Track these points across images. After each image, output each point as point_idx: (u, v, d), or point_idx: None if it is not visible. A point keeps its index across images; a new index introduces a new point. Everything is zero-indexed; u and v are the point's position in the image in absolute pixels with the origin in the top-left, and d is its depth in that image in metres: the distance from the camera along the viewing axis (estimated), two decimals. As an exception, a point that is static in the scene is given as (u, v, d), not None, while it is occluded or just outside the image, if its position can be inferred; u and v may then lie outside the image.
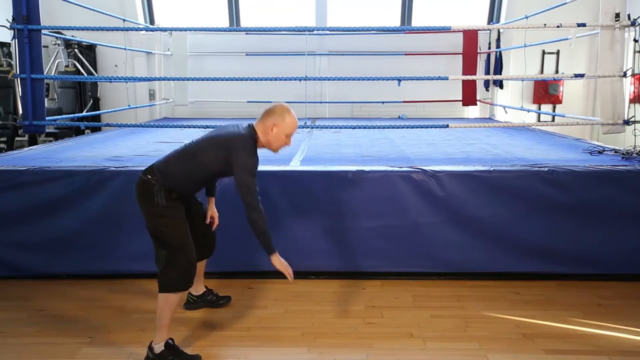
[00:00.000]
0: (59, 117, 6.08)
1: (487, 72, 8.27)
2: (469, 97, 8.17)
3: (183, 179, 2.83)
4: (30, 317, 3.28)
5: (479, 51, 8.16)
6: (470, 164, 4.04)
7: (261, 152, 2.73)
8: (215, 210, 3.25)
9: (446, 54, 8.23)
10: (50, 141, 6.69)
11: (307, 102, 6.91)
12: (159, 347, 2.71)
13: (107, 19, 6.27)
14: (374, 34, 8.12)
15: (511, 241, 3.77)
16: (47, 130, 5.57)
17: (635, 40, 4.29)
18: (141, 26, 8.12)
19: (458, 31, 7.57)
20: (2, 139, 7.05)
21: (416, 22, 8.72)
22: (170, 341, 2.74)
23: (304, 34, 7.04)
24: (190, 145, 2.88)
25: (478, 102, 8.30)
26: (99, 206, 3.77)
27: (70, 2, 5.50)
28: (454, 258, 3.78)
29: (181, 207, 2.84)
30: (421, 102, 8.27)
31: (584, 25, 4.60)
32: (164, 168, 2.83)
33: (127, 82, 6.08)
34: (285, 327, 3.15)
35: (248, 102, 8.34)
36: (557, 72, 8.37)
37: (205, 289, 3.40)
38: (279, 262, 2.82)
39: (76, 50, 7.89)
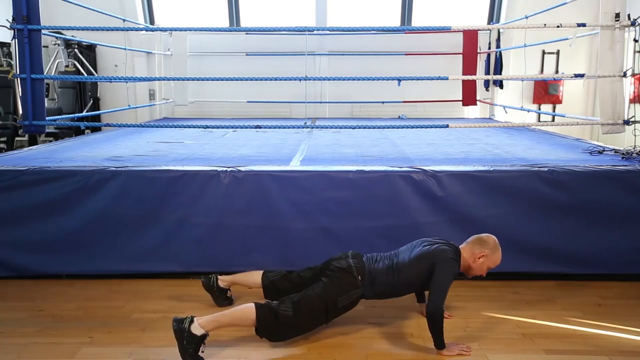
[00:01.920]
0: (59, 117, 6.07)
1: (487, 72, 8.27)
2: (469, 97, 8.17)
3: (386, 291, 2.95)
4: (30, 317, 3.28)
5: (479, 51, 8.15)
6: (470, 164, 4.04)
7: (260, 152, 2.74)
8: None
9: (446, 54, 8.23)
10: (50, 141, 6.69)
11: (307, 102, 6.91)
12: (198, 330, 2.67)
13: (107, 19, 6.27)
14: (374, 34, 8.13)
15: (511, 241, 3.76)
16: (47, 130, 5.57)
17: (635, 40, 4.29)
18: (141, 26, 8.12)
19: (458, 31, 7.57)
20: (2, 139, 7.06)
21: (416, 22, 8.72)
22: (206, 336, 2.71)
23: (304, 34, 7.04)
24: (397, 259, 3.00)
25: (478, 102, 8.30)
26: (99, 206, 3.77)
27: (70, 2, 5.50)
28: (454, 258, 3.77)
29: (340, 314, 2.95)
30: (421, 102, 8.27)
31: (584, 25, 4.60)
32: (373, 277, 2.92)
33: (127, 82, 6.08)
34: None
35: (248, 102, 8.35)
36: (557, 72, 8.37)
37: (229, 289, 3.41)
38: (449, 352, 2.84)
39: (76, 50, 7.89)
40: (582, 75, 4.90)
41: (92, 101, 8.25)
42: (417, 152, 4.73)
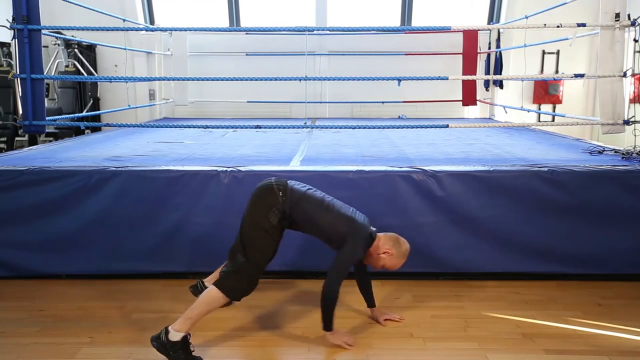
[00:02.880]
0: (59, 117, 6.08)
1: (487, 72, 8.27)
2: (469, 97, 8.17)
3: (306, 218, 2.92)
4: (30, 317, 3.28)
5: (479, 51, 8.15)
6: (470, 164, 4.04)
7: (260, 152, 2.74)
8: (384, 313, 3.24)
9: (446, 54, 8.23)
10: (50, 141, 6.69)
11: (307, 102, 6.91)
12: (176, 336, 2.67)
13: (107, 19, 6.27)
14: (374, 34, 8.12)
15: (511, 241, 3.77)
16: (47, 130, 5.57)
17: (635, 40, 4.29)
18: (141, 26, 8.11)
19: (458, 31, 7.57)
20: (2, 139, 7.06)
21: (416, 22, 8.71)
22: (188, 336, 2.71)
23: (304, 34, 7.04)
24: (326, 198, 2.99)
25: (478, 102, 8.30)
26: (99, 206, 3.77)
27: (70, 2, 5.50)
28: (454, 258, 3.78)
29: (281, 233, 2.92)
30: (421, 102, 8.27)
31: (584, 25, 4.60)
32: (297, 198, 2.89)
33: (127, 82, 6.08)
34: (285, 327, 3.15)
35: (248, 102, 8.35)
36: (557, 72, 8.37)
37: None
38: (333, 338, 2.88)
39: (76, 50, 7.89)
40: (582, 75, 4.90)
41: (92, 101, 8.25)
42: (417, 152, 4.73)
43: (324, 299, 2.82)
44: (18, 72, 4.28)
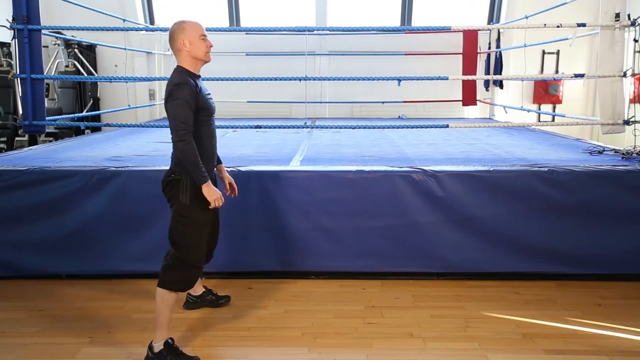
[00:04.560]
0: (59, 117, 6.08)
1: (487, 72, 8.27)
2: (469, 97, 8.17)
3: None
4: (30, 317, 3.28)
5: (479, 51, 8.15)
6: (470, 164, 4.04)
7: (260, 152, 2.73)
8: (229, 176, 3.21)
9: (446, 54, 8.22)
10: (50, 141, 6.69)
11: (307, 102, 6.91)
12: (158, 347, 2.71)
13: (107, 19, 6.26)
14: (374, 34, 8.12)
15: (511, 241, 3.77)
16: (47, 130, 5.57)
17: (635, 40, 4.29)
18: (141, 26, 8.11)
19: (458, 31, 7.56)
20: (2, 139, 7.05)
21: (416, 22, 8.71)
22: (169, 341, 2.74)
23: (304, 34, 7.04)
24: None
25: (478, 102, 8.30)
26: (99, 206, 3.77)
27: (70, 2, 5.50)
28: (454, 258, 3.78)
29: (206, 208, 2.78)
30: (421, 102, 8.27)
31: (584, 25, 4.60)
32: (174, 159, 2.81)
33: (127, 82, 6.07)
34: (285, 327, 3.15)
35: (248, 102, 8.35)
36: (557, 72, 8.37)
37: (204, 289, 3.40)
38: (207, 191, 2.76)
39: (76, 50, 7.89)
40: (582, 75, 4.90)
41: (92, 101, 8.25)
42: (417, 152, 4.73)
43: (182, 156, 2.72)
44: (18, 72, 4.28)
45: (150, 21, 8.76)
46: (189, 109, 2.71)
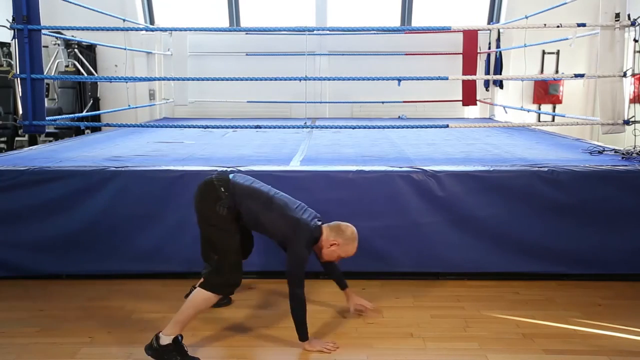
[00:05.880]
0: (59, 117, 6.07)
1: (487, 72, 8.27)
2: (469, 97, 8.17)
3: (251, 218, 2.87)
4: (30, 317, 3.28)
5: (479, 51, 8.15)
6: (470, 164, 4.04)
7: (260, 152, 2.75)
8: (359, 299, 3.25)
9: (446, 54, 8.23)
10: (50, 141, 6.68)
11: (307, 102, 6.91)
12: (166, 340, 2.67)
13: (107, 19, 6.26)
14: (374, 34, 8.12)
15: (511, 241, 3.77)
16: (47, 130, 5.57)
17: (635, 40, 4.29)
18: (141, 26, 8.12)
19: (458, 31, 7.57)
20: (2, 139, 7.05)
21: (416, 22, 8.71)
22: (179, 337, 2.72)
23: (304, 34, 7.04)
24: (271, 195, 2.92)
25: (478, 102, 8.30)
26: (99, 206, 3.77)
27: (70, 2, 5.50)
28: (454, 258, 3.78)
29: (236, 219, 2.86)
30: (421, 102, 8.27)
31: (584, 25, 4.60)
32: (240, 194, 2.84)
33: (127, 82, 6.08)
34: (285, 327, 3.14)
35: (248, 102, 8.35)
36: (557, 72, 8.37)
37: None
38: (310, 346, 2.86)
39: (76, 50, 7.89)
40: (582, 75, 4.90)
41: (92, 101, 8.24)
42: (417, 152, 4.73)
43: (292, 310, 2.80)
44: (18, 72, 4.27)
45: (150, 21, 8.76)
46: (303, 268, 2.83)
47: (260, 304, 3.44)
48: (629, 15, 4.29)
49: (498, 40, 8.13)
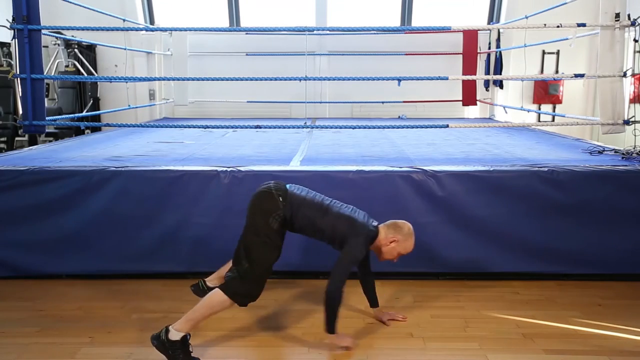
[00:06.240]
0: (59, 117, 6.08)
1: (487, 72, 8.27)
2: (469, 97, 8.17)
3: (307, 224, 2.90)
4: (30, 317, 3.28)
5: (479, 51, 8.15)
6: (470, 164, 4.04)
7: (260, 152, 2.75)
8: (387, 313, 3.25)
9: (446, 54, 8.23)
10: (50, 141, 6.69)
11: (307, 102, 6.90)
12: (176, 335, 2.66)
13: (107, 19, 6.27)
14: (374, 34, 8.12)
15: (511, 241, 3.77)
16: (47, 130, 5.57)
17: (635, 40, 4.29)
18: (141, 26, 8.12)
19: (458, 31, 7.57)
20: (2, 139, 7.06)
21: (416, 22, 8.71)
22: (188, 336, 2.71)
23: (304, 34, 7.04)
24: (325, 202, 2.96)
25: (478, 102, 8.30)
26: (99, 206, 3.77)
27: (71, 2, 5.51)
28: (454, 258, 3.78)
29: (283, 236, 2.91)
30: (421, 102, 8.27)
31: (584, 25, 4.60)
32: (297, 203, 2.88)
33: (127, 82, 6.08)
34: (285, 327, 3.15)
35: (248, 102, 8.35)
36: (557, 72, 8.37)
37: (217, 286, 3.38)
38: (338, 340, 2.86)
39: (76, 50, 7.89)
40: (582, 75, 4.90)
41: (92, 101, 8.25)
42: (417, 152, 4.73)
43: (328, 300, 2.79)
44: (18, 72, 4.28)
45: (150, 21, 8.76)
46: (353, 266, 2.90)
47: (265, 305, 3.43)
48: (629, 15, 4.29)
49: (498, 40, 8.13)
